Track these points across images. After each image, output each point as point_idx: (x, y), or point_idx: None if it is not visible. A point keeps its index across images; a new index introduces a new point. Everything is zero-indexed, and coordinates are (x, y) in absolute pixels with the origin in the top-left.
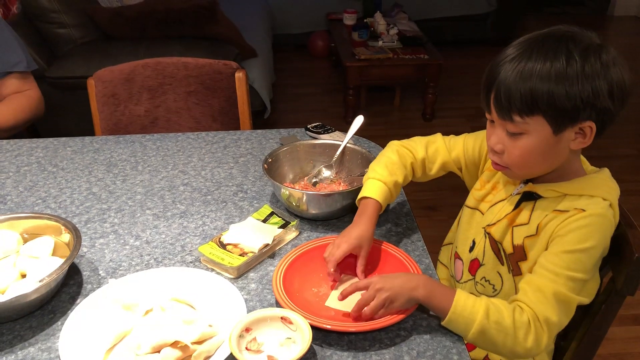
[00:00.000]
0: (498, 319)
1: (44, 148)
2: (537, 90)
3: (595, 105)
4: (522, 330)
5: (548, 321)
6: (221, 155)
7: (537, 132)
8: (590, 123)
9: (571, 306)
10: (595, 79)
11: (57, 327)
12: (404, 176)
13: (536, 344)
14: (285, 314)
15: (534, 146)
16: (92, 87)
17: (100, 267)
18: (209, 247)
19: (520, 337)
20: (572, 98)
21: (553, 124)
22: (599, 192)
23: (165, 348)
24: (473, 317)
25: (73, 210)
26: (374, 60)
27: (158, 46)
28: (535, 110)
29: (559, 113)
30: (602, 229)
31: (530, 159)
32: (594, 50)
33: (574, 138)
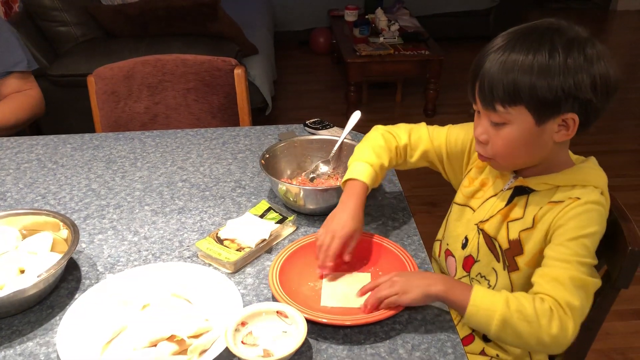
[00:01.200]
0: (519, 308)
1: (44, 145)
2: (520, 81)
3: (577, 97)
4: (545, 317)
5: (570, 306)
6: (220, 151)
7: (520, 123)
8: (572, 115)
9: (589, 290)
10: (578, 72)
11: (55, 322)
12: (389, 159)
13: (562, 330)
14: (281, 308)
15: (516, 136)
16: (92, 84)
17: (99, 263)
18: (206, 243)
19: (544, 324)
20: (554, 89)
21: (535, 115)
22: (590, 181)
23: (162, 342)
24: (494, 307)
25: (72, 206)
26: (375, 56)
27: (159, 44)
28: (517, 100)
29: (541, 104)
30: (598, 214)
31: (513, 149)
32: (578, 43)
33: (557, 130)
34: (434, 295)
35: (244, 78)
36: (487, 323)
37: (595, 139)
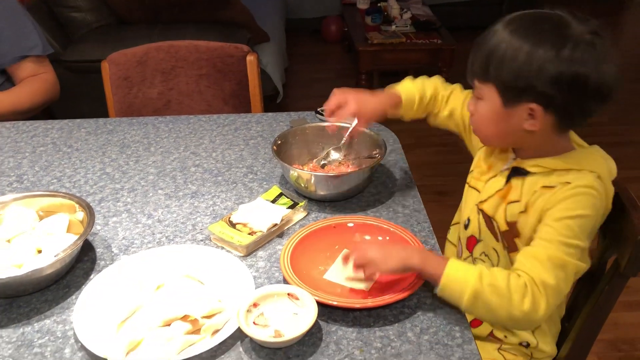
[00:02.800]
0: (492, 282)
1: (59, 129)
2: (491, 60)
3: (537, 89)
4: (519, 293)
5: (545, 284)
6: (232, 137)
7: (490, 100)
8: (535, 106)
9: (568, 270)
10: (542, 63)
11: (71, 300)
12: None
13: (533, 307)
14: (292, 290)
15: (486, 113)
16: (106, 70)
17: (114, 244)
18: (219, 226)
19: (516, 300)
20: (514, 75)
21: (502, 96)
22: (586, 165)
23: (175, 321)
24: (466, 280)
25: (87, 189)
26: (386, 44)
27: (171, 30)
28: (487, 78)
29: (505, 86)
30: (589, 198)
31: (483, 124)
32: (560, 40)
33: (526, 118)
34: (410, 267)
35: (256, 65)
36: (459, 295)
37: (610, 130)
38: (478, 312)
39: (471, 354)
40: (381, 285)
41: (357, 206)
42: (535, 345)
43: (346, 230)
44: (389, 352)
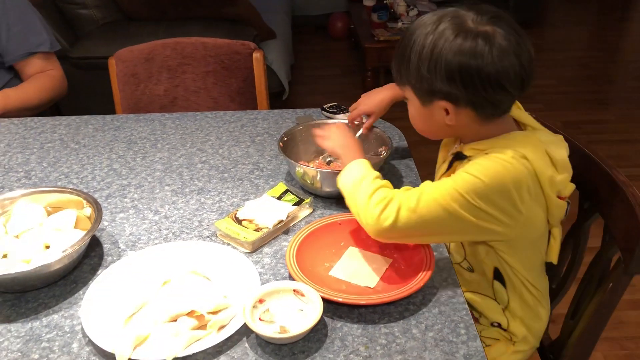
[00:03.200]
0: (369, 183)
1: (66, 125)
2: (401, 64)
3: (437, 87)
4: (379, 198)
5: (404, 201)
6: (238, 134)
7: (412, 101)
8: (445, 103)
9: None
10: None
11: (79, 296)
12: None
13: (383, 214)
14: (297, 287)
15: (413, 113)
16: (113, 66)
17: (121, 240)
18: (225, 222)
19: (373, 202)
20: (418, 77)
21: (417, 96)
22: (516, 146)
23: (182, 317)
24: (359, 173)
25: (94, 185)
26: (393, 41)
27: (177, 27)
28: (402, 81)
29: (415, 88)
30: (494, 166)
31: (415, 123)
32: (452, 36)
33: (445, 113)
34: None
35: (263, 62)
36: (345, 184)
37: (616, 128)
38: (348, 202)
39: (476, 350)
40: (387, 282)
41: None
42: (507, 326)
43: (352, 227)
44: (394, 348)
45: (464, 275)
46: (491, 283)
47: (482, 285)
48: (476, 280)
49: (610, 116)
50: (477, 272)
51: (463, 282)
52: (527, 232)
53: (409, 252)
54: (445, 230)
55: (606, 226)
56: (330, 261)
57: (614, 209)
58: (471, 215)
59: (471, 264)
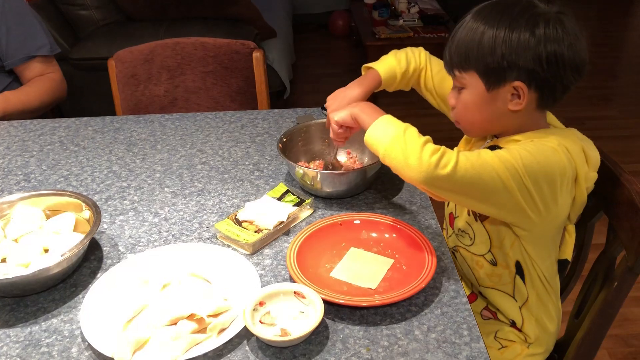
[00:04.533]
0: (413, 134)
1: (66, 128)
2: (470, 48)
3: (520, 66)
4: (433, 148)
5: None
6: (238, 134)
7: (473, 87)
8: (520, 84)
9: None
10: (521, 47)
11: (78, 300)
12: (414, 68)
13: (438, 163)
14: (298, 289)
15: (471, 101)
16: (113, 67)
17: (120, 243)
18: (225, 224)
19: (428, 151)
20: (497, 57)
21: (485, 81)
22: (556, 137)
23: (181, 320)
24: (394, 127)
25: (94, 188)
26: (394, 39)
27: (178, 27)
28: (468, 65)
29: (487, 70)
30: (547, 153)
31: (468, 113)
32: (528, 19)
33: (510, 98)
34: (353, 114)
35: (263, 61)
36: (381, 138)
37: (620, 124)
38: (390, 156)
39: (479, 352)
40: (388, 283)
41: (363, 203)
42: (521, 325)
43: (353, 228)
44: (396, 350)
45: (485, 269)
46: (513, 277)
47: (503, 279)
48: (497, 274)
49: (613, 112)
50: (500, 265)
51: (482, 277)
52: (552, 225)
53: (411, 252)
54: (490, 198)
55: (610, 224)
56: (332, 262)
57: (619, 207)
58: (518, 190)
59: (495, 257)
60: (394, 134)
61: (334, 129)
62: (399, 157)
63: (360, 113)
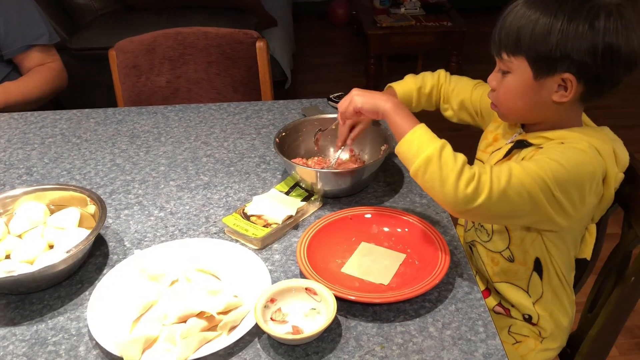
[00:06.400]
0: (451, 156)
1: (67, 120)
2: (523, 32)
3: (573, 58)
4: (469, 175)
5: (494, 181)
6: (243, 126)
7: (520, 73)
8: (570, 76)
9: (524, 189)
10: (577, 38)
11: (85, 297)
12: (431, 85)
13: (474, 193)
14: (309, 285)
15: (515, 86)
16: (114, 58)
17: (126, 238)
18: (233, 218)
19: (465, 179)
20: (551, 46)
21: (534, 68)
22: (589, 139)
23: (191, 318)
24: (429, 143)
25: (97, 181)
26: (396, 28)
27: (179, 16)
28: (518, 50)
29: (538, 58)
30: (575, 154)
31: (511, 98)
32: (589, 10)
33: (556, 89)
34: (380, 108)
35: (266, 51)
36: (415, 154)
37: (624, 112)
38: (423, 177)
39: (495, 349)
40: (401, 278)
41: (372, 196)
42: (537, 320)
43: (363, 222)
44: (411, 348)
45: (500, 265)
46: (529, 274)
47: (518, 275)
48: (514, 270)
49: (617, 100)
50: (517, 261)
51: (497, 272)
52: (578, 225)
53: (423, 246)
54: (520, 214)
55: (626, 216)
56: (342, 257)
57: (635, 200)
58: (548, 202)
59: (513, 254)
60: (430, 153)
61: (346, 114)
62: (433, 181)
63: (391, 113)
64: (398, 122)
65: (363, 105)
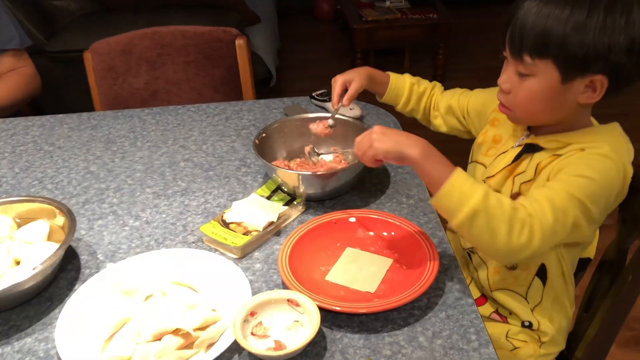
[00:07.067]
0: (497, 205)
1: (40, 126)
2: (551, 33)
3: (609, 59)
4: (519, 222)
5: (543, 220)
6: (223, 127)
7: (545, 77)
8: (601, 77)
9: (568, 217)
10: (615, 33)
11: (54, 315)
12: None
13: (528, 241)
14: (291, 296)
15: (539, 91)
16: (89, 60)
17: (99, 251)
18: (211, 227)
19: (517, 229)
20: (585, 47)
21: (562, 72)
22: (604, 140)
23: (166, 336)
24: (470, 195)
25: (70, 190)
26: (381, 21)
27: (158, 15)
28: (545, 53)
29: (570, 61)
30: (602, 163)
31: (533, 103)
32: (624, 3)
33: (583, 91)
34: (407, 156)
35: (246, 49)
36: (457, 208)
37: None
38: (467, 230)
39: (489, 358)
40: (388, 285)
41: (358, 198)
42: (537, 327)
43: (348, 226)
44: (400, 359)
45: (501, 274)
46: (530, 279)
47: (518, 281)
48: (514, 276)
49: None
50: (520, 267)
51: (497, 280)
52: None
53: (411, 250)
54: (562, 241)
55: (620, 213)
56: (327, 264)
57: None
58: (585, 220)
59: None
60: (474, 205)
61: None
62: (482, 235)
63: (421, 161)
64: (430, 171)
65: (386, 155)
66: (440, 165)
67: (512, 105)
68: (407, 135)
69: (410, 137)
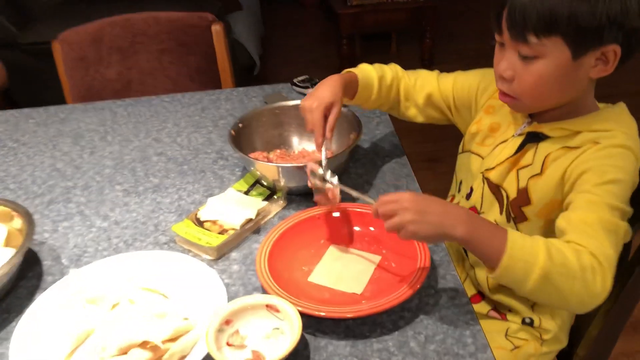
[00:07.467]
0: (563, 261)
1: (4, 122)
2: (558, 7)
3: (624, 25)
4: (589, 271)
5: (607, 256)
6: (199, 118)
7: (554, 56)
8: (615, 47)
9: (619, 233)
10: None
11: (11, 329)
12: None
13: (603, 286)
14: (270, 301)
15: (549, 72)
16: (58, 51)
17: (63, 255)
18: (184, 226)
19: (590, 280)
20: (597, 16)
21: (573, 47)
22: (616, 126)
23: (133, 349)
24: (533, 259)
25: (35, 190)
26: (367, 5)
27: (136, 2)
28: (553, 30)
29: (581, 34)
30: (624, 159)
31: (544, 87)
32: None
33: (594, 64)
34: (452, 239)
35: (223, 35)
36: (524, 277)
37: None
38: (541, 295)
39: None
40: (376, 285)
41: (342, 191)
42: (539, 324)
43: (332, 221)
44: None
45: None
46: None
47: None
48: None
49: None
50: None
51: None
52: None
53: (399, 246)
54: None
55: None
56: (309, 264)
57: None
58: (625, 221)
59: None
60: (541, 271)
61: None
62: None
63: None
64: (481, 248)
65: (426, 239)
66: (490, 237)
67: (518, 93)
68: (445, 209)
69: (449, 212)
